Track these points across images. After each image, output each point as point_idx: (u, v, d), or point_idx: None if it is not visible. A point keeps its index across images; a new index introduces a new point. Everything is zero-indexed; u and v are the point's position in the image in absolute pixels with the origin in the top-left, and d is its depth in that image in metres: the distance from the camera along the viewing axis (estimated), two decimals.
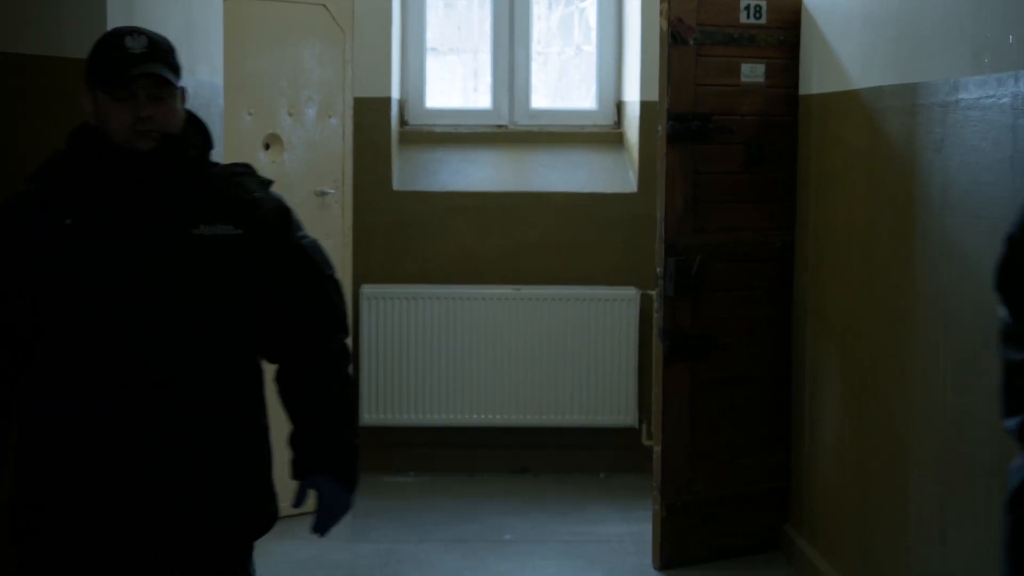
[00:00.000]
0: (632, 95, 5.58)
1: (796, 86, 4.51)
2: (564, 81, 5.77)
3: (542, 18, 5.67)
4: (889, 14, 3.54)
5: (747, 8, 4.37)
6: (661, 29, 4.34)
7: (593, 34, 5.74)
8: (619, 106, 5.82)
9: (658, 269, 4.51)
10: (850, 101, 3.94)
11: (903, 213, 3.38)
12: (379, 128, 5.36)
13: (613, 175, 5.66)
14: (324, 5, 4.79)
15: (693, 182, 4.51)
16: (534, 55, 5.66)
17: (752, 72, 4.58)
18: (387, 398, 5.38)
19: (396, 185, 5.42)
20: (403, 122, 5.64)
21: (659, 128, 4.45)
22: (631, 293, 5.52)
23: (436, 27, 5.68)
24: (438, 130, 5.67)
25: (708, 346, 4.37)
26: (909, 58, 3.35)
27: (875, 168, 3.67)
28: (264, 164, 4.57)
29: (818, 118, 4.34)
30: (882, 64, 3.59)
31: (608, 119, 5.86)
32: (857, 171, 3.84)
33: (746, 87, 4.49)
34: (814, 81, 4.34)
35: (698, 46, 4.43)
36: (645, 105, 5.45)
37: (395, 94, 5.45)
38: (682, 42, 4.41)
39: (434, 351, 5.33)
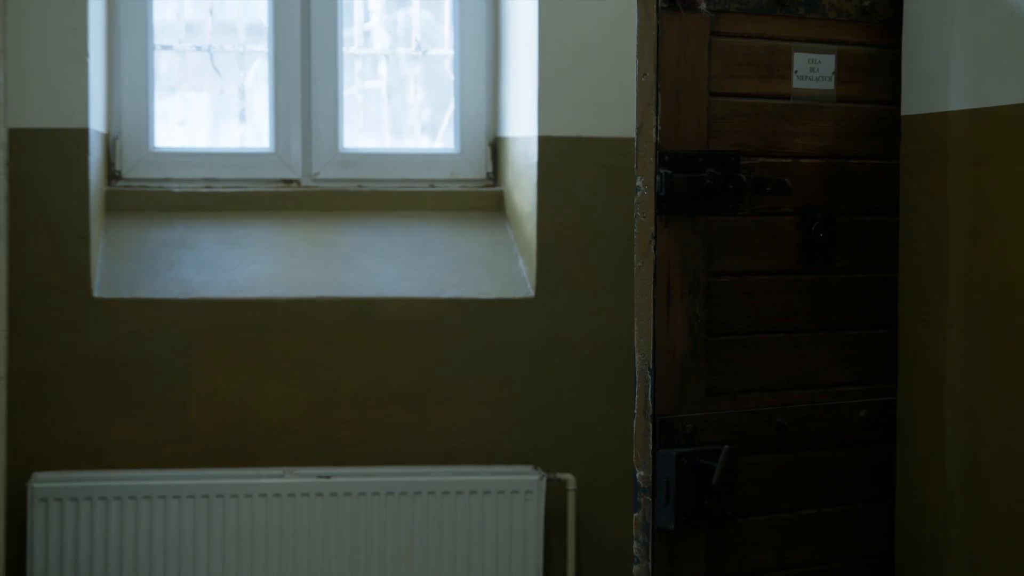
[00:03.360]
0: (521, 126, 4.13)
1: (897, 99, 2.85)
2: (399, 107, 4.41)
3: (361, 11, 4.40)
4: None
5: None
6: None
7: (447, 29, 4.38)
8: (496, 147, 4.35)
9: (637, 473, 2.75)
10: None
11: None
12: (65, 184, 3.87)
13: (490, 266, 4.16)
14: None
15: (707, 293, 2.76)
16: (345, 63, 4.30)
17: (813, 69, 2.85)
18: None
19: (98, 290, 3.87)
20: (113, 174, 4.20)
21: (637, 183, 2.71)
22: (530, 479, 3.95)
23: (173, 19, 4.33)
24: (176, 188, 4.20)
25: None
26: None
27: None
28: None
29: (960, 156, 2.65)
30: None
31: (476, 168, 4.36)
32: None
33: (803, 99, 2.81)
34: (941, 88, 2.69)
35: (715, 15, 2.74)
36: (548, 144, 4.03)
37: (97, 125, 3.98)
38: (687, 6, 2.70)
39: None
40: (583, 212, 3.95)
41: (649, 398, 2.70)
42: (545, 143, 3.97)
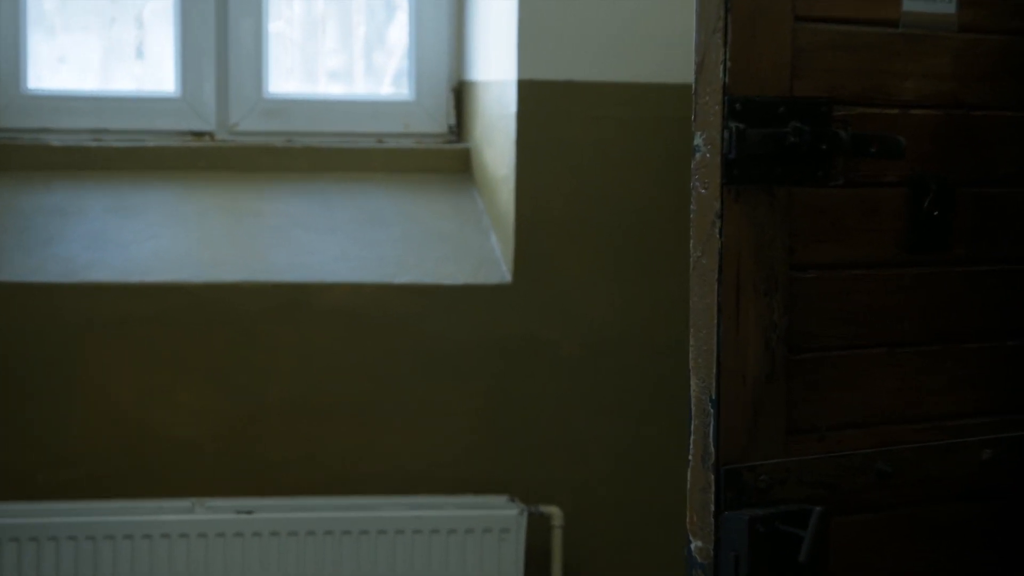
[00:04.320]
0: (495, 67, 3.89)
1: None
2: (340, 43, 4.26)
3: None
4: None
5: None
6: None
7: None
8: (460, 93, 4.12)
9: (692, 544, 2.32)
10: None
11: None
12: None
13: (455, 244, 3.93)
14: None
15: (788, 293, 2.31)
16: None
17: None
18: None
19: None
20: None
21: (696, 142, 2.29)
22: (507, 514, 3.67)
23: None
24: (56, 142, 3.94)
25: None
26: None
27: None
28: None
29: None
30: None
31: (436, 120, 4.15)
32: None
33: (915, 27, 2.42)
34: None
35: None
36: (530, 89, 3.76)
37: None
38: None
39: None
40: (574, 177, 3.73)
41: (711, 441, 2.27)
42: (527, 89, 3.76)
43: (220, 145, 4.00)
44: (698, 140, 2.25)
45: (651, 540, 3.74)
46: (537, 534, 3.75)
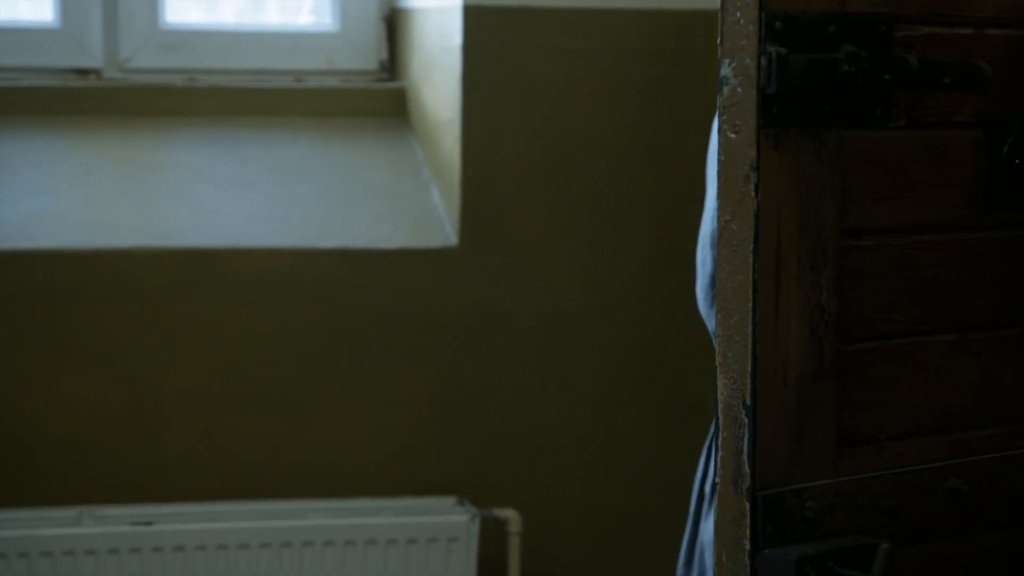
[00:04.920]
0: None
1: None
2: None
3: None
4: None
5: None
6: None
7: None
8: (393, 22, 4.05)
9: None
10: None
11: None
12: None
13: (390, 200, 3.90)
14: None
15: (838, 268, 2.10)
16: None
17: None
18: None
19: None
20: None
21: (723, 72, 2.07)
22: (456, 520, 3.66)
23: None
24: None
25: None
26: None
27: None
28: None
29: None
30: None
31: (365, 54, 4.09)
32: None
33: None
34: None
35: None
36: (479, 16, 3.70)
37: None
38: None
39: None
40: (531, 120, 3.64)
41: (744, 458, 2.05)
42: (474, 16, 3.67)
43: (109, 85, 3.90)
44: (726, 70, 1.99)
45: (623, 548, 3.74)
46: (491, 542, 3.68)
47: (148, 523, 3.41)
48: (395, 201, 3.80)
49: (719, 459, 2.02)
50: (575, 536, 3.71)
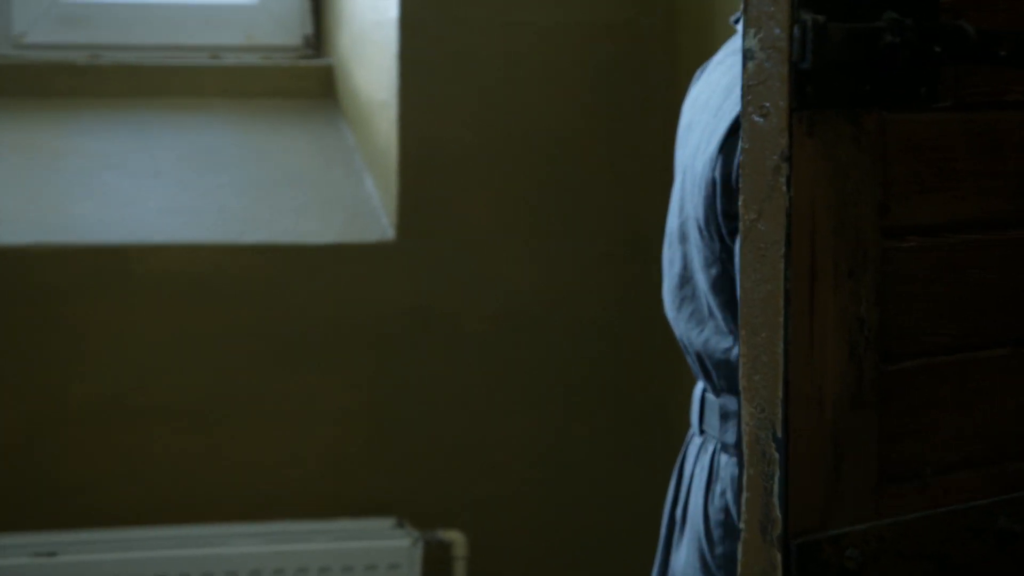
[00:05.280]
0: None
1: None
2: None
3: None
4: None
5: None
6: None
7: None
8: None
9: None
10: None
11: None
12: None
13: (319, 191, 3.79)
14: None
15: (879, 273, 1.86)
16: None
17: None
18: None
19: None
20: None
21: (748, 44, 1.84)
22: (395, 544, 3.54)
23: None
24: None
25: None
26: None
27: None
28: None
29: None
30: None
31: (288, 29, 4.00)
32: None
33: None
34: None
35: None
36: None
37: None
38: None
39: None
40: (477, 102, 3.52)
41: (775, 501, 1.84)
42: None
43: (2, 63, 3.76)
44: (751, 42, 1.76)
45: (578, 573, 3.63)
46: (435, 567, 3.52)
47: (51, 553, 3.27)
48: (324, 191, 3.65)
49: (743, 500, 1.80)
50: (526, 559, 3.60)
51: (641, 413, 3.50)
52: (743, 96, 1.74)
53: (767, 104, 1.70)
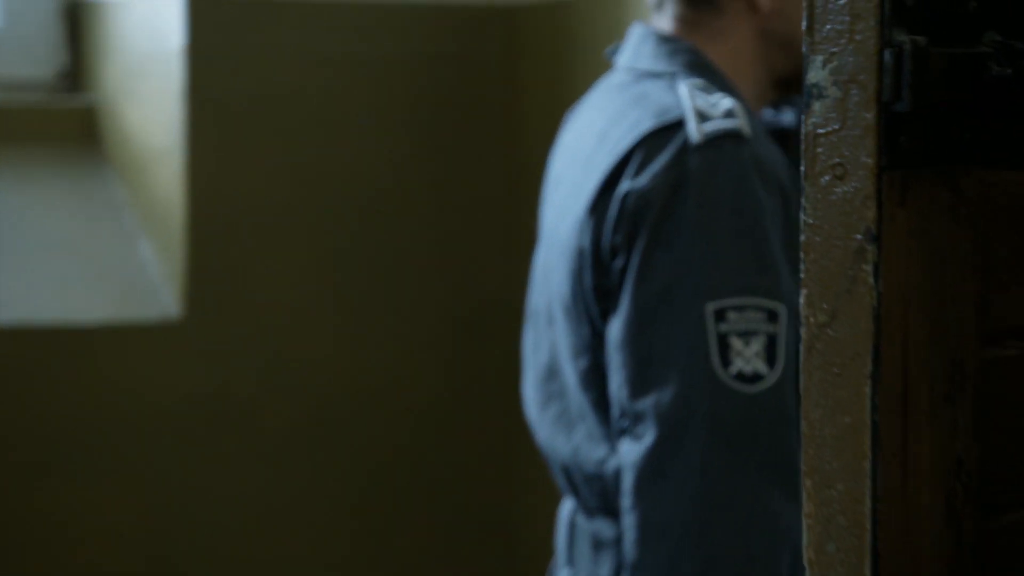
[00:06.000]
0: None
1: None
2: None
3: None
4: None
5: None
6: None
7: None
8: (76, 18, 3.66)
9: None
10: None
11: None
12: None
13: (84, 261, 3.39)
14: None
15: (978, 390, 1.38)
16: None
17: None
18: None
19: None
20: None
21: (811, 74, 1.43)
22: None
23: None
24: None
25: None
26: None
27: None
28: None
29: None
30: None
31: (37, 60, 3.70)
32: None
33: None
34: None
35: None
36: (208, 8, 3.23)
37: None
38: None
39: None
40: (279, 148, 3.16)
41: None
42: (202, 9, 3.15)
43: None
44: (819, 74, 1.38)
45: None
46: None
47: None
48: (91, 259, 3.24)
49: None
50: None
51: (474, 523, 3.13)
52: (804, 150, 1.35)
53: (842, 162, 1.32)
